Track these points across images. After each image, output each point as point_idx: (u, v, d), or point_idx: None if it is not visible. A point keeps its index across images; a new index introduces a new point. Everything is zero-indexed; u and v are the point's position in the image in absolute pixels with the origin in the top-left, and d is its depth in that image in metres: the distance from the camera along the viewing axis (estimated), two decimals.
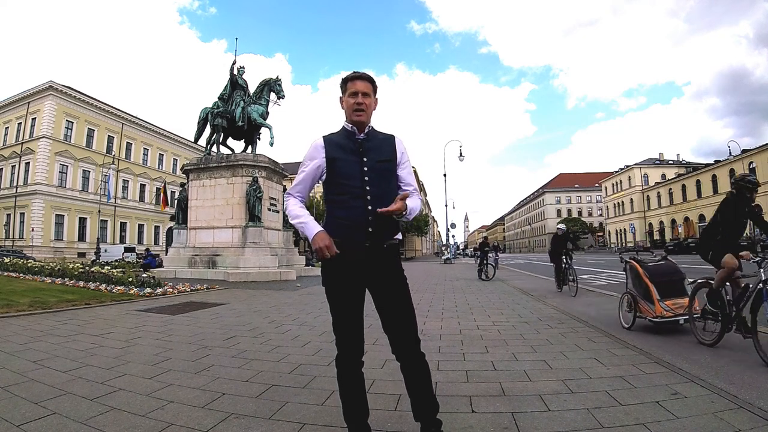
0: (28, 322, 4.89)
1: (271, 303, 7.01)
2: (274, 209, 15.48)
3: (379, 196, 1.72)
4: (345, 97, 1.80)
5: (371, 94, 1.79)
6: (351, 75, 1.80)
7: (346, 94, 1.79)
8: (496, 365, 3.07)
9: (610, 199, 68.29)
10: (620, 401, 2.28)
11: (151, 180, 42.00)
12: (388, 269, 1.75)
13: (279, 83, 15.70)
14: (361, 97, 1.75)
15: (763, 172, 36.81)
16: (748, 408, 2.13)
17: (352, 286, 1.71)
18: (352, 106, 1.76)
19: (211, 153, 15.48)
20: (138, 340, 4.01)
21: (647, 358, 3.15)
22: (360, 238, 1.69)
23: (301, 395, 2.46)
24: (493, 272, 12.49)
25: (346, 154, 1.76)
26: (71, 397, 2.41)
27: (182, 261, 14.20)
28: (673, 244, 34.88)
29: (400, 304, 1.73)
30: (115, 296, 7.34)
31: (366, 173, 1.73)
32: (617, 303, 4.87)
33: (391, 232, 1.76)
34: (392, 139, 1.87)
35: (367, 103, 1.76)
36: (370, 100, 1.79)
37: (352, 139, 1.79)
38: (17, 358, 3.25)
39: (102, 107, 36.93)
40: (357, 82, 1.77)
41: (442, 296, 7.85)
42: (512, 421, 2.07)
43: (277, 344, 3.84)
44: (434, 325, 4.75)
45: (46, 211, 31.88)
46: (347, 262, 1.69)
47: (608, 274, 13.12)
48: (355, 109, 1.76)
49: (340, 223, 1.72)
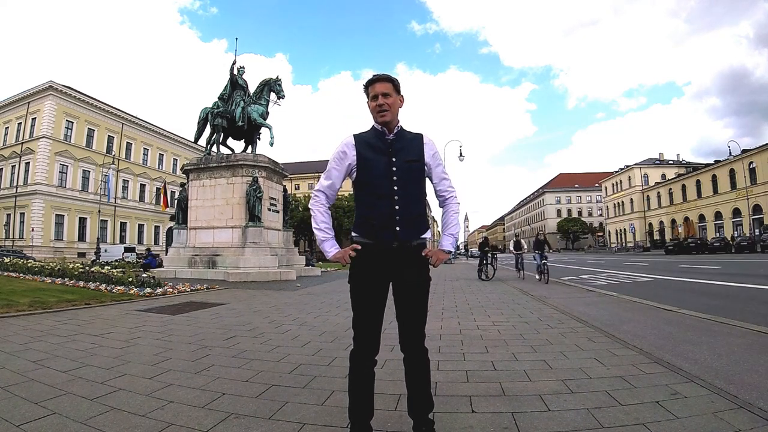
0: (28, 322, 4.89)
1: (271, 303, 7.01)
2: (274, 209, 15.48)
3: (406, 196, 1.77)
4: (369, 101, 1.83)
5: (392, 93, 1.80)
6: (370, 79, 1.83)
7: (369, 99, 1.82)
8: (496, 365, 3.07)
9: (610, 199, 68.28)
10: (620, 401, 2.27)
11: (151, 180, 42.01)
12: (414, 267, 1.78)
13: (279, 83, 15.71)
14: (382, 98, 1.78)
15: (763, 172, 36.82)
16: (748, 408, 2.13)
17: (378, 284, 1.74)
18: (375, 109, 1.79)
19: (211, 153, 15.48)
20: (138, 340, 4.01)
21: (647, 358, 3.14)
22: (388, 237, 1.73)
23: (301, 395, 2.46)
24: (493, 272, 12.49)
25: (376, 153, 1.79)
26: (71, 397, 2.41)
27: (182, 261, 14.21)
28: (673, 244, 34.86)
29: (417, 299, 1.78)
30: (115, 296, 7.34)
31: (395, 173, 1.77)
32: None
33: (418, 232, 1.80)
34: (420, 138, 1.89)
35: (389, 102, 1.78)
36: (393, 99, 1.80)
37: (382, 139, 1.81)
38: (17, 358, 3.25)
39: (102, 107, 36.94)
40: (376, 85, 1.80)
41: (442, 296, 7.85)
42: (512, 421, 2.07)
43: (277, 344, 3.84)
44: (434, 325, 4.74)
45: (46, 211, 31.89)
46: (375, 261, 1.73)
47: (608, 274, 13.12)
48: (378, 111, 1.79)
49: (369, 223, 1.76)
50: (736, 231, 39.19)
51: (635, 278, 11.37)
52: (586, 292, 8.11)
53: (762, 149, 37.00)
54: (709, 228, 43.70)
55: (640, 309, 5.66)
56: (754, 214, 37.73)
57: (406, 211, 1.76)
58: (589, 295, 7.71)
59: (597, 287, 9.13)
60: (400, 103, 1.85)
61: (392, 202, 1.74)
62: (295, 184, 52.78)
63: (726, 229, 40.90)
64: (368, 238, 1.75)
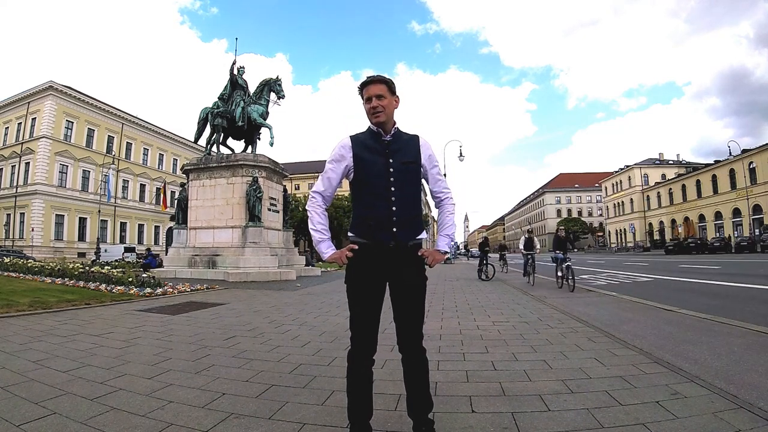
0: (28, 322, 4.89)
1: (271, 303, 7.01)
2: (274, 209, 15.48)
3: (403, 197, 1.78)
4: (364, 103, 1.83)
5: (386, 94, 1.81)
6: (363, 81, 1.84)
7: (364, 100, 1.83)
8: (496, 365, 3.07)
9: (610, 199, 68.26)
10: (620, 401, 2.28)
11: (151, 180, 42.00)
12: (411, 267, 1.79)
13: (279, 83, 15.71)
14: (376, 100, 1.79)
15: (762, 172, 36.81)
16: (748, 408, 2.13)
17: (374, 284, 1.75)
18: (370, 111, 1.80)
19: (211, 153, 15.48)
20: (138, 340, 4.01)
21: (647, 358, 3.15)
22: (385, 237, 1.74)
23: (301, 395, 2.46)
24: (493, 272, 12.48)
25: (373, 155, 1.80)
26: (71, 397, 2.41)
27: (182, 261, 14.20)
28: (673, 244, 34.86)
29: (414, 299, 1.79)
30: (115, 296, 7.34)
31: (392, 174, 1.78)
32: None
33: (415, 232, 1.81)
34: (416, 140, 1.90)
35: (383, 104, 1.79)
36: (387, 101, 1.80)
37: (379, 141, 1.82)
38: (17, 358, 3.25)
39: (102, 107, 36.94)
40: (370, 87, 1.81)
41: (442, 296, 7.85)
42: (512, 421, 2.07)
43: (277, 344, 3.84)
44: (434, 325, 4.75)
45: (46, 211, 31.88)
46: (372, 261, 1.74)
47: (608, 274, 13.12)
48: (372, 113, 1.79)
49: (366, 223, 1.77)
50: (736, 231, 39.19)
51: (635, 278, 11.38)
52: (586, 292, 8.11)
53: (762, 149, 36.99)
54: (709, 228, 43.69)
55: (640, 309, 5.66)
56: (754, 214, 37.72)
57: (404, 212, 1.77)
58: (589, 295, 7.71)
59: (597, 287, 9.13)
60: (396, 105, 1.85)
61: (390, 203, 1.75)
62: (295, 184, 52.78)
63: (726, 229, 40.89)
64: (365, 239, 1.76)
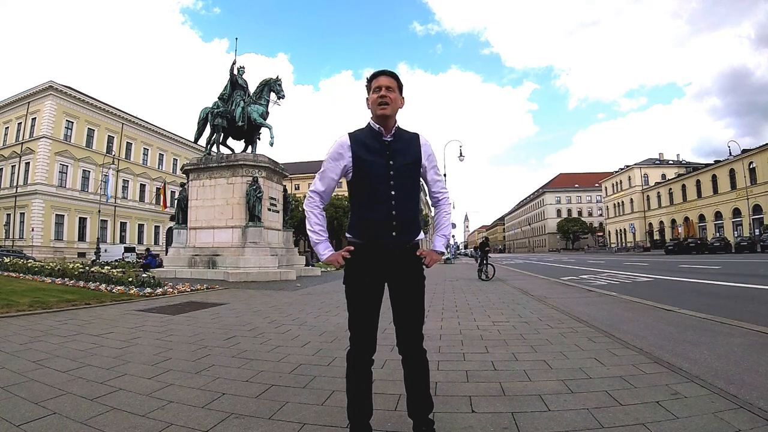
0: (28, 322, 4.89)
1: (271, 303, 7.00)
2: (274, 209, 15.48)
3: (403, 198, 1.75)
4: (370, 95, 1.79)
5: (395, 89, 1.78)
6: (374, 73, 1.80)
7: (371, 91, 1.78)
8: (496, 365, 3.07)
9: (610, 199, 68.27)
10: (620, 401, 2.27)
11: (151, 180, 42.00)
12: (409, 267, 1.78)
13: (279, 83, 15.72)
14: (385, 90, 1.75)
15: (763, 172, 36.81)
16: (748, 408, 2.13)
17: (373, 285, 1.74)
18: (376, 101, 1.75)
19: (211, 153, 15.48)
20: (138, 340, 4.01)
21: (647, 358, 3.14)
22: (384, 239, 1.72)
23: (301, 395, 2.46)
24: (493, 272, 12.48)
25: (374, 155, 1.75)
26: (71, 397, 2.41)
27: (182, 261, 14.20)
28: (673, 244, 34.85)
29: (414, 300, 1.78)
30: (115, 296, 7.34)
31: (392, 176, 1.74)
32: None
33: (413, 233, 1.80)
34: (417, 139, 1.86)
35: (391, 96, 1.75)
36: (395, 95, 1.77)
37: (379, 140, 1.78)
38: (17, 358, 3.25)
39: (102, 107, 36.94)
40: (380, 78, 1.77)
41: (442, 296, 7.85)
42: (512, 421, 2.07)
43: (277, 344, 3.84)
44: (434, 325, 4.74)
45: (46, 211, 31.88)
46: (370, 262, 1.72)
47: (608, 275, 13.12)
48: (379, 103, 1.74)
49: (365, 224, 1.75)
50: (736, 231, 39.18)
51: (635, 278, 11.37)
52: (586, 292, 8.10)
53: (762, 149, 36.99)
54: (709, 228, 43.68)
55: (640, 309, 5.65)
56: (754, 214, 37.72)
57: (403, 214, 1.74)
58: (589, 295, 7.70)
59: (597, 287, 9.12)
60: (401, 104, 1.83)
61: (389, 206, 1.72)
62: (295, 184, 52.75)
63: (726, 229, 40.89)
64: (363, 239, 1.74)
